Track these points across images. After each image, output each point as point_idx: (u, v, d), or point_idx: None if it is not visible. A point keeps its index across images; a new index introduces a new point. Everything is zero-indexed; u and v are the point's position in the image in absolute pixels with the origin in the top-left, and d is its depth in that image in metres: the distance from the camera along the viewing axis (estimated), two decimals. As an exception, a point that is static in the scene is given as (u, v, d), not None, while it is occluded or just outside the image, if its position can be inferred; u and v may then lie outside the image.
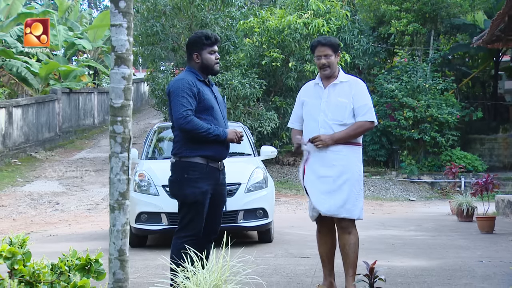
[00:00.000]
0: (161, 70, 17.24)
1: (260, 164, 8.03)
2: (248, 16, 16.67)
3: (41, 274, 2.70)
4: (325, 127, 4.51)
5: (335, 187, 4.49)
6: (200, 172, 4.32)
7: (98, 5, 40.63)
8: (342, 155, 4.50)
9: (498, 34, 11.05)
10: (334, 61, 4.57)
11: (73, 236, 9.14)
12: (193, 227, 4.32)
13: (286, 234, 8.57)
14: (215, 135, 4.30)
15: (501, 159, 19.09)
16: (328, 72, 4.58)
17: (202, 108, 4.33)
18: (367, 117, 4.53)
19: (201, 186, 4.32)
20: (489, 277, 5.36)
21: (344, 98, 4.53)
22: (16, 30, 21.30)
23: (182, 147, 4.36)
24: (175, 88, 4.33)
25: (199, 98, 4.32)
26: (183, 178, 4.34)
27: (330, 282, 4.73)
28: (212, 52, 4.44)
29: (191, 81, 4.34)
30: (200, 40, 4.42)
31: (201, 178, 4.32)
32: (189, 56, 4.51)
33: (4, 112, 16.98)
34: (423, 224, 9.91)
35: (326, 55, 4.55)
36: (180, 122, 4.25)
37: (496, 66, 21.53)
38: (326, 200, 4.50)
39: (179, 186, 4.37)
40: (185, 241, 4.23)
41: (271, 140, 16.21)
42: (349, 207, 4.49)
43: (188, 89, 4.29)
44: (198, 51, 4.42)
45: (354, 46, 18.09)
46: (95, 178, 15.95)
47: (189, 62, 4.51)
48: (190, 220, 4.33)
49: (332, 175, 4.50)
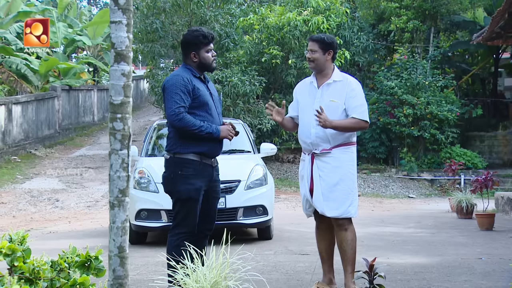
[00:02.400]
0: (161, 67, 17.22)
1: (259, 161, 8.04)
2: (248, 13, 16.65)
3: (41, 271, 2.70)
4: (316, 127, 4.53)
5: (328, 187, 4.52)
6: (194, 169, 4.32)
7: (97, 2, 40.60)
8: (334, 155, 4.53)
9: (498, 31, 11.06)
10: (319, 57, 4.57)
11: (73, 233, 9.15)
12: (187, 224, 4.33)
13: (285, 231, 8.57)
14: (208, 132, 4.31)
15: (500, 156, 19.10)
16: (312, 66, 4.63)
17: (197, 105, 4.34)
18: (363, 116, 4.55)
19: (194, 182, 4.32)
20: (489, 274, 5.37)
21: (336, 98, 4.55)
22: (16, 27, 21.29)
23: (175, 143, 4.37)
24: (169, 84, 4.33)
25: (194, 94, 4.33)
26: (176, 174, 4.34)
27: (329, 279, 4.75)
28: (209, 50, 4.44)
29: (186, 77, 4.33)
30: (197, 40, 4.40)
31: (194, 175, 4.32)
32: (185, 54, 4.48)
33: (4, 109, 16.98)
34: (423, 221, 9.92)
35: (311, 50, 4.59)
36: (172, 119, 4.27)
37: (496, 63, 21.53)
38: (321, 200, 4.53)
39: (173, 183, 4.37)
40: (180, 237, 4.25)
41: (271, 137, 16.22)
42: (343, 206, 4.51)
43: (183, 86, 4.29)
44: (196, 51, 4.41)
45: (354, 43, 18.08)
46: (95, 175, 15.95)
47: (185, 60, 4.50)
48: (184, 217, 4.33)
49: (324, 175, 4.53)
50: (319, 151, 4.54)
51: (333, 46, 4.60)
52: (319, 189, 4.53)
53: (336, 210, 4.50)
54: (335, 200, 4.50)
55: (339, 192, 4.51)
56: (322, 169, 4.54)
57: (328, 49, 4.58)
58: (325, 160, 4.54)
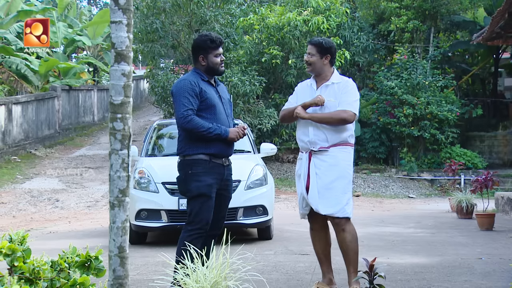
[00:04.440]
0: (161, 67, 17.23)
1: (260, 161, 8.04)
2: (248, 13, 16.66)
3: (41, 271, 2.70)
4: (314, 126, 4.59)
5: (324, 185, 4.53)
6: (203, 167, 4.45)
7: (97, 2, 40.61)
8: (331, 154, 4.56)
9: (498, 31, 11.06)
10: (316, 61, 4.64)
11: (73, 233, 9.14)
12: (199, 220, 4.40)
13: (285, 231, 8.57)
14: (216, 134, 4.45)
15: (500, 156, 19.10)
16: (309, 69, 4.72)
17: (204, 107, 4.48)
18: (346, 107, 4.54)
19: (205, 179, 4.43)
20: (489, 274, 5.37)
21: (334, 98, 4.61)
22: (16, 27, 21.29)
23: (185, 145, 4.51)
24: (177, 89, 4.51)
25: (201, 97, 4.47)
26: (187, 174, 4.48)
27: (329, 279, 4.75)
28: (218, 54, 4.59)
29: (193, 81, 4.49)
30: (205, 44, 4.56)
31: (204, 172, 4.44)
32: (195, 58, 4.65)
33: (4, 109, 16.98)
34: (423, 221, 9.92)
35: (309, 53, 4.67)
36: (181, 121, 4.42)
37: (496, 63, 21.53)
38: (316, 198, 4.55)
39: (185, 183, 4.51)
40: (192, 234, 4.35)
41: (271, 137, 16.21)
42: (339, 205, 4.52)
43: (190, 89, 4.45)
44: (204, 54, 4.57)
45: (354, 43, 18.08)
46: (95, 175, 15.95)
47: (195, 64, 4.66)
48: (196, 213, 4.42)
49: (321, 173, 4.55)
50: (316, 148, 4.57)
51: (330, 51, 4.66)
52: (315, 187, 4.56)
53: (331, 208, 4.52)
54: (330, 198, 4.52)
55: (335, 191, 4.53)
56: (319, 167, 4.56)
57: (325, 53, 4.64)
58: (322, 158, 4.57)
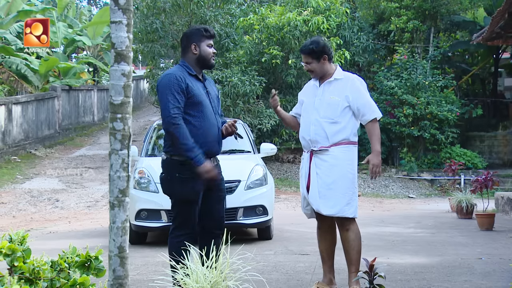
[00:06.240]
0: (161, 67, 17.23)
1: (259, 161, 8.04)
2: (248, 13, 16.66)
3: (41, 271, 2.70)
4: (315, 124, 4.55)
5: (324, 185, 4.52)
6: (191, 171, 4.20)
7: (97, 2, 40.59)
8: (332, 154, 4.52)
9: (498, 31, 11.06)
10: (316, 66, 4.61)
11: (73, 233, 9.14)
12: (187, 225, 4.28)
13: (285, 231, 8.57)
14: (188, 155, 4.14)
15: (500, 156, 19.10)
16: (313, 76, 4.72)
17: (190, 104, 4.23)
18: (373, 115, 4.54)
19: (192, 185, 4.24)
20: (489, 274, 5.37)
21: (336, 96, 4.56)
22: (16, 27, 21.29)
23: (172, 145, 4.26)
24: (162, 84, 4.23)
25: (188, 93, 4.22)
26: (174, 177, 4.28)
27: (329, 279, 4.75)
28: (210, 45, 4.39)
29: (179, 76, 4.23)
30: (199, 32, 4.37)
31: (192, 178, 4.21)
32: (185, 48, 4.40)
33: (4, 109, 16.98)
34: (423, 221, 9.92)
35: (306, 62, 4.65)
36: (168, 121, 4.14)
37: (496, 63, 21.54)
38: (317, 198, 4.53)
39: (171, 185, 4.32)
40: (181, 240, 4.20)
41: (271, 137, 16.22)
42: (339, 205, 4.50)
43: (176, 85, 4.18)
44: (196, 42, 4.34)
45: (354, 43, 18.09)
46: (95, 175, 15.95)
47: (184, 55, 4.41)
48: (184, 219, 4.29)
49: (321, 173, 4.53)
50: (317, 148, 4.55)
51: (325, 51, 4.59)
52: (315, 187, 4.54)
53: (332, 208, 4.50)
54: (331, 199, 4.49)
55: (335, 191, 4.49)
56: (319, 166, 4.54)
57: (321, 55, 4.59)
58: (323, 158, 4.54)
